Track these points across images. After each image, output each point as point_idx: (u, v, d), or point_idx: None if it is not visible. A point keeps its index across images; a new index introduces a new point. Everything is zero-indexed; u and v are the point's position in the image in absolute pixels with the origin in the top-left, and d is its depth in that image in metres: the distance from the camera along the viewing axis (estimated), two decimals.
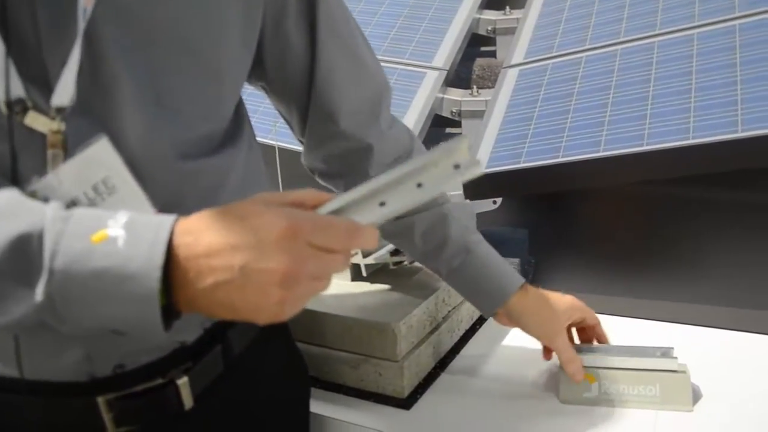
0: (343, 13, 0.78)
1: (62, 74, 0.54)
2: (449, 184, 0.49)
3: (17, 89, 0.54)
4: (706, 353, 0.92)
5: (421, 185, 0.49)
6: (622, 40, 1.40)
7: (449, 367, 0.95)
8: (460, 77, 1.60)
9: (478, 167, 0.48)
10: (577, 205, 1.35)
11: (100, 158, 0.55)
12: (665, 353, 0.84)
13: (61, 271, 0.47)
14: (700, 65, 1.23)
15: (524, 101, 1.36)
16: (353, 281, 1.01)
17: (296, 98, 0.79)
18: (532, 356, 0.91)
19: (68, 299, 0.48)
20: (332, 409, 0.86)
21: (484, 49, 1.75)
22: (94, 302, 0.48)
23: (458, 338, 1.01)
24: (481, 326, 1.05)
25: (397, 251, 0.99)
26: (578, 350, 0.86)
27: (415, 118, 1.41)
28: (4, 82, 0.53)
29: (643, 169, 1.13)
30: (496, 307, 0.87)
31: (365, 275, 1.00)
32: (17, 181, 0.54)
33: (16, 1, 0.53)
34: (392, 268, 1.04)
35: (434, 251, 0.86)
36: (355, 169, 0.82)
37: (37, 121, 0.54)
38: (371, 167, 0.82)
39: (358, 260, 0.99)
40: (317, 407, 0.86)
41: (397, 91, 1.50)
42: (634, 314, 1.05)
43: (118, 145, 0.55)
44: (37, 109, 0.54)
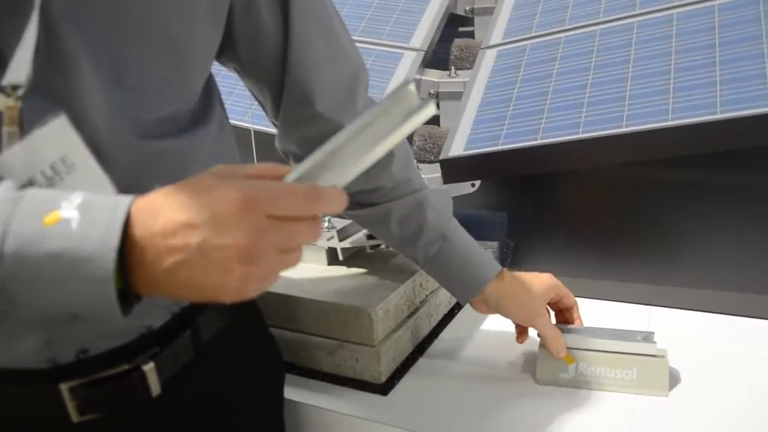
0: None
1: (17, 51, 0.51)
2: (405, 130, 0.47)
3: None
4: (688, 337, 0.92)
5: (377, 137, 0.48)
6: (601, 20, 1.38)
7: (427, 351, 0.94)
8: (437, 58, 1.58)
9: (430, 108, 0.47)
10: (556, 187, 1.34)
11: (57, 136, 0.52)
12: (646, 338, 0.83)
13: (12, 254, 0.45)
14: (679, 45, 1.22)
15: (503, 82, 1.35)
16: (329, 265, 0.99)
17: (270, 79, 0.76)
18: (510, 339, 0.91)
19: (20, 282, 0.46)
20: (308, 395, 0.85)
21: (462, 29, 1.73)
22: (48, 285, 0.46)
23: (437, 322, 1.00)
24: (459, 310, 1.04)
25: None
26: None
27: None
28: None
29: (622, 150, 1.12)
30: (471, 296, 0.87)
31: (342, 259, 0.99)
32: None
33: None
34: (369, 251, 1.03)
35: (411, 238, 0.85)
36: None
37: None
38: None
39: (334, 244, 0.98)
40: (292, 394, 0.85)
41: (374, 72, 1.48)
42: (614, 297, 1.04)
43: (78, 124, 0.53)
44: None
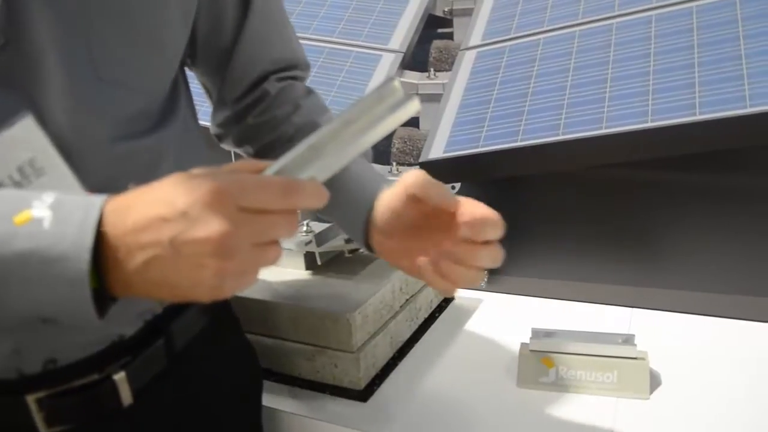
0: None
1: None
2: (389, 125, 0.47)
3: None
4: (669, 339, 0.91)
5: (360, 131, 0.47)
6: (580, 21, 1.38)
7: (407, 356, 0.92)
8: (416, 60, 1.57)
9: (414, 104, 0.46)
10: (537, 189, 1.34)
11: (24, 138, 0.51)
12: (627, 340, 0.82)
13: None
14: (658, 47, 1.22)
15: (482, 84, 1.34)
16: (307, 270, 0.97)
17: (219, 67, 0.77)
18: (490, 343, 0.90)
19: None
20: (287, 402, 0.84)
21: (441, 30, 1.72)
22: (19, 286, 0.44)
23: (417, 327, 0.99)
24: (440, 314, 1.03)
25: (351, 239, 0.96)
26: (538, 335, 0.84)
27: None
28: None
29: (603, 152, 1.11)
30: (365, 211, 0.71)
31: (320, 264, 0.97)
32: None
33: None
34: (347, 256, 1.01)
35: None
36: (275, 131, 0.79)
37: None
38: (291, 127, 0.77)
39: (312, 248, 0.96)
40: (271, 401, 0.83)
41: (352, 74, 1.47)
42: (596, 300, 1.03)
43: (44, 123, 0.52)
44: None
